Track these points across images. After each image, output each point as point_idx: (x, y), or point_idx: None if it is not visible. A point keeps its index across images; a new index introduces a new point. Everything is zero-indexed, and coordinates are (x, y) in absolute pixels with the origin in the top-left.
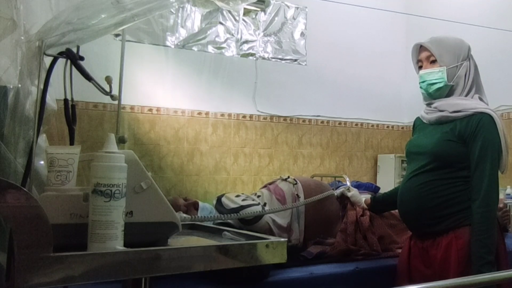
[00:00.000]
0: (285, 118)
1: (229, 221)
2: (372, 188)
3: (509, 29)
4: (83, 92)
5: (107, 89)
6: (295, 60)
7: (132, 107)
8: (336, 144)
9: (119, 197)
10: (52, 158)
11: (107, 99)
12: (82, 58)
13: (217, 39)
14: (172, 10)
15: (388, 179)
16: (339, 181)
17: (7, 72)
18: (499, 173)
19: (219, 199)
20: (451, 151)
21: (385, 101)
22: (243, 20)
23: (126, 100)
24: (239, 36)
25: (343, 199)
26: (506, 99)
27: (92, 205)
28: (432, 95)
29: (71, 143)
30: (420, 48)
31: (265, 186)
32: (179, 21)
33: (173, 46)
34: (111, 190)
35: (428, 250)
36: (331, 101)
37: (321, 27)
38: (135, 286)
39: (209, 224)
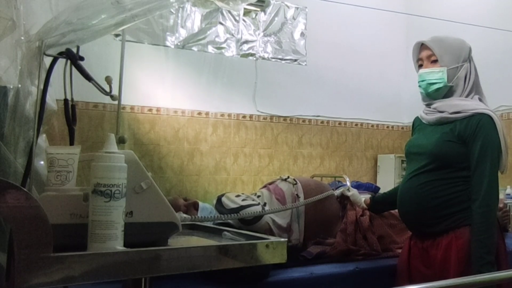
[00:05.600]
0: (285, 118)
1: (229, 221)
2: (372, 188)
3: (509, 29)
4: (83, 92)
5: (107, 89)
6: (295, 60)
7: (132, 107)
8: (336, 144)
9: (119, 197)
10: (52, 158)
11: (107, 99)
12: (82, 58)
13: (217, 39)
14: (172, 10)
15: (388, 179)
16: (339, 181)
17: (7, 72)
18: (499, 173)
19: (219, 199)
20: (451, 152)
21: (385, 101)
22: (243, 20)
23: (126, 100)
24: (239, 36)
25: (343, 199)
26: (506, 99)
27: (92, 205)
28: (431, 95)
29: (71, 143)
30: (421, 46)
31: (265, 186)
32: (179, 21)
33: (173, 46)
34: (111, 190)
35: (428, 250)
36: (331, 101)
37: (321, 27)
38: (135, 286)
39: (209, 224)
